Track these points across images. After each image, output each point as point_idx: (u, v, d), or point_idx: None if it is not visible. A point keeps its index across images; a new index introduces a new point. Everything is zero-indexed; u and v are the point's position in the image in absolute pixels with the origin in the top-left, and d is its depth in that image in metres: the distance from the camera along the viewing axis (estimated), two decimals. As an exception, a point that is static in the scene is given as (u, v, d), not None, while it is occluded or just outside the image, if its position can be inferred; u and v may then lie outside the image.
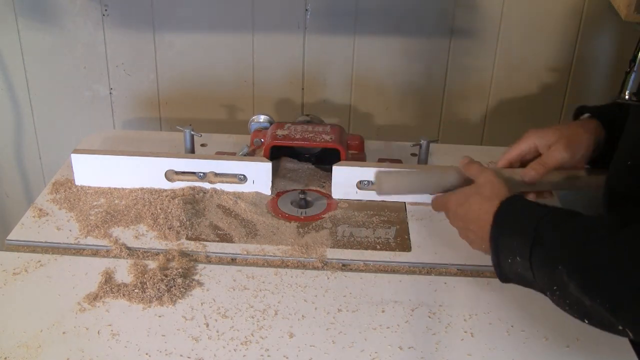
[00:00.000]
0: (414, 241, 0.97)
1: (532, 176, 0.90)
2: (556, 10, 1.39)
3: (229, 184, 1.07)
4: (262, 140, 1.14)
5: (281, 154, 1.16)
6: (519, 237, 0.73)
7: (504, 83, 1.47)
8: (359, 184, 1.06)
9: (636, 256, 0.61)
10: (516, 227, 0.75)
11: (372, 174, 1.04)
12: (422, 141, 1.13)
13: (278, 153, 1.15)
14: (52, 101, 1.54)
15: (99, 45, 1.46)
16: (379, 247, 0.95)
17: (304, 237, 0.97)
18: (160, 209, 1.00)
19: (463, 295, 0.86)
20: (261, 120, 1.19)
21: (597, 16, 1.39)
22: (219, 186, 1.07)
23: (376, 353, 0.77)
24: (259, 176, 1.06)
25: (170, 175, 1.06)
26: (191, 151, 1.16)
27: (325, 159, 1.13)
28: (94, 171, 1.06)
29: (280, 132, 1.10)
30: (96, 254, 0.93)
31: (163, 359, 0.75)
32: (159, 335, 0.78)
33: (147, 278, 0.86)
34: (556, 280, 0.68)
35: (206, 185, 1.07)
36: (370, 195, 1.06)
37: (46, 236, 0.96)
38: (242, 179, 1.06)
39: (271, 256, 0.93)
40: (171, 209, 1.00)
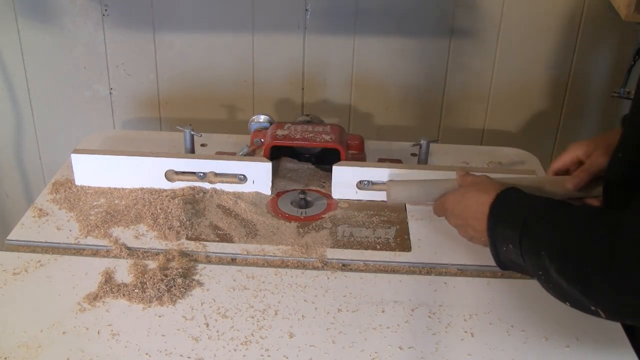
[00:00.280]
0: (414, 241, 0.97)
1: (575, 183, 0.94)
2: (556, 10, 1.39)
3: (229, 184, 1.07)
4: (262, 140, 1.14)
5: (281, 154, 1.16)
6: (512, 226, 0.78)
7: (504, 83, 1.47)
8: (359, 184, 1.06)
9: (597, 242, 0.66)
10: (510, 217, 0.80)
11: (372, 174, 1.04)
12: (422, 141, 1.13)
13: (278, 153, 1.15)
14: (52, 101, 1.54)
15: (99, 45, 1.46)
16: (379, 247, 0.95)
17: (304, 237, 0.97)
18: (160, 209, 1.00)
19: (463, 295, 0.86)
20: (261, 120, 1.19)
21: (597, 16, 1.39)
22: (219, 186, 1.07)
23: (376, 353, 0.77)
24: (259, 176, 1.06)
25: (170, 175, 1.06)
26: (191, 151, 1.16)
27: (325, 159, 1.13)
28: (94, 171, 1.06)
29: (280, 132, 1.10)
30: (96, 254, 0.93)
31: (163, 359, 0.75)
32: (159, 335, 0.78)
33: (147, 278, 0.86)
34: (540, 265, 0.73)
35: (206, 185, 1.07)
36: (370, 195, 1.06)
37: (46, 236, 0.96)
38: (242, 179, 1.06)
39: (271, 256, 0.93)
40: (171, 209, 1.00)
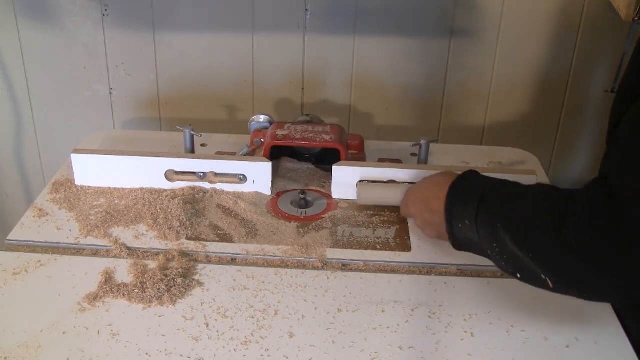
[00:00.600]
0: (414, 241, 0.97)
1: None
2: (556, 10, 1.39)
3: (229, 184, 1.07)
4: (262, 140, 1.14)
5: (281, 154, 1.16)
6: (469, 202, 0.82)
7: (504, 83, 1.47)
8: (360, 183, 1.06)
9: (549, 212, 0.72)
10: (468, 194, 0.83)
11: (372, 174, 1.04)
12: (422, 141, 1.13)
13: (278, 153, 1.15)
14: (52, 101, 1.54)
15: (99, 45, 1.46)
16: (379, 247, 0.95)
17: (304, 237, 0.97)
18: (160, 209, 1.00)
19: (463, 295, 0.86)
20: (261, 120, 1.19)
21: (597, 16, 1.39)
22: (219, 186, 1.07)
23: (376, 353, 0.77)
24: (259, 176, 1.06)
25: (170, 175, 1.06)
26: (191, 151, 1.16)
27: (325, 159, 1.13)
28: (94, 171, 1.06)
29: (280, 132, 1.10)
30: (96, 254, 0.93)
31: (163, 359, 0.75)
32: (159, 335, 0.78)
33: (147, 278, 0.86)
34: (495, 237, 0.77)
35: (206, 185, 1.07)
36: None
37: (46, 236, 0.96)
38: (242, 179, 1.06)
39: (271, 256, 0.93)
40: (171, 209, 1.00)
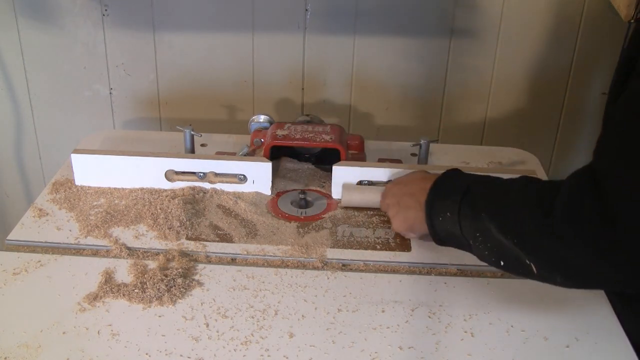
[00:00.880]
0: (414, 241, 0.96)
1: None
2: (556, 10, 1.39)
3: (229, 184, 1.07)
4: (262, 140, 1.14)
5: (281, 154, 1.16)
6: (452, 196, 0.83)
7: (504, 83, 1.47)
8: (359, 184, 1.06)
9: (536, 200, 0.74)
10: (451, 189, 0.85)
11: (372, 174, 1.05)
12: (422, 141, 1.13)
13: (278, 153, 1.15)
14: (52, 101, 1.54)
15: (99, 45, 1.46)
16: (379, 247, 0.95)
17: (304, 237, 0.97)
18: (160, 209, 1.00)
19: (463, 295, 0.86)
20: (261, 120, 1.19)
21: (597, 16, 1.39)
22: (219, 186, 1.07)
23: (376, 353, 0.77)
24: (259, 176, 1.06)
25: (170, 175, 1.06)
26: (191, 151, 1.16)
27: (325, 159, 1.13)
28: (94, 171, 1.06)
29: (280, 132, 1.10)
30: (96, 254, 0.93)
31: (163, 359, 0.75)
32: (159, 335, 0.78)
33: (147, 278, 0.86)
34: (479, 227, 0.79)
35: (206, 185, 1.07)
36: (370, 195, 1.06)
37: (46, 236, 0.96)
38: (242, 179, 1.06)
39: (271, 256, 0.93)
40: (171, 209, 1.00)
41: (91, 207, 1.02)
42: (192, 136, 1.15)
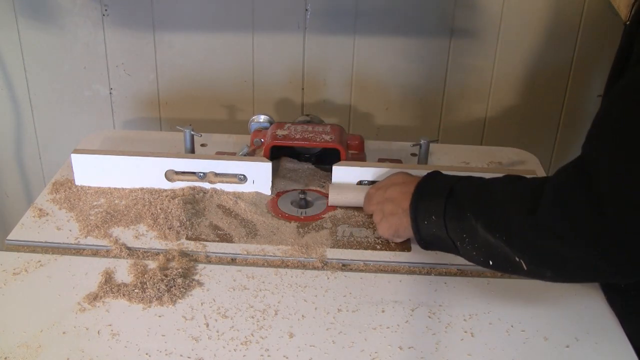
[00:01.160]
0: (414, 241, 0.96)
1: None
2: (556, 10, 1.39)
3: (229, 184, 1.07)
4: (262, 140, 1.14)
5: (281, 154, 1.16)
6: (436, 198, 0.84)
7: (504, 83, 1.47)
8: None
9: (522, 195, 0.74)
10: (434, 191, 0.85)
11: (372, 174, 1.05)
12: (422, 141, 1.13)
13: (278, 153, 1.15)
14: (52, 101, 1.54)
15: (99, 45, 1.46)
16: (379, 247, 0.95)
17: (304, 237, 0.97)
18: (160, 209, 1.00)
19: (463, 295, 0.86)
20: (261, 120, 1.19)
21: (597, 16, 1.39)
22: (219, 186, 1.07)
23: (376, 353, 0.77)
24: (259, 176, 1.06)
25: (170, 175, 1.06)
26: (191, 151, 1.16)
27: (325, 159, 1.13)
28: (94, 171, 1.06)
29: (280, 132, 1.10)
30: (96, 254, 0.93)
31: (163, 359, 0.75)
32: (159, 335, 0.78)
33: (147, 278, 0.86)
34: (465, 228, 0.80)
35: (206, 185, 1.07)
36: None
37: (46, 236, 0.96)
38: (242, 179, 1.06)
39: (271, 256, 0.93)
40: (171, 209, 1.00)
41: (91, 207, 1.02)
42: (192, 136, 1.15)
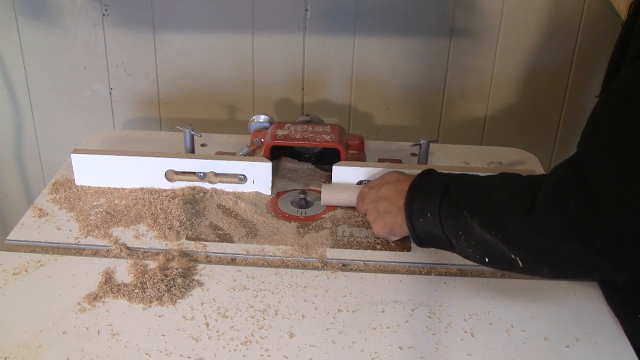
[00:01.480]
0: (414, 241, 0.97)
1: None
2: (556, 10, 1.39)
3: (229, 184, 1.07)
4: (262, 140, 1.14)
5: (281, 154, 1.16)
6: (431, 196, 0.84)
7: (504, 83, 1.47)
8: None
9: (518, 193, 0.74)
10: (429, 189, 0.85)
11: (372, 174, 1.04)
12: (422, 141, 1.13)
13: (278, 153, 1.15)
14: (52, 101, 1.54)
15: (99, 45, 1.46)
16: (379, 247, 0.95)
17: (304, 237, 0.97)
18: (160, 209, 1.00)
19: (463, 295, 0.86)
20: (261, 120, 1.19)
21: (597, 16, 1.39)
22: (219, 186, 1.07)
23: (376, 353, 0.77)
24: (259, 176, 1.06)
25: (170, 175, 1.06)
26: (191, 151, 1.16)
27: (325, 159, 1.13)
28: (94, 171, 1.06)
29: (280, 132, 1.10)
30: (96, 254, 0.93)
31: (163, 359, 0.75)
32: (159, 335, 0.78)
33: (147, 278, 0.86)
34: (461, 225, 0.80)
35: (206, 185, 1.07)
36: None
37: (46, 236, 0.96)
38: (242, 179, 1.06)
39: (271, 256, 0.93)
40: (171, 209, 1.00)
41: (91, 207, 1.02)
42: (192, 136, 1.15)
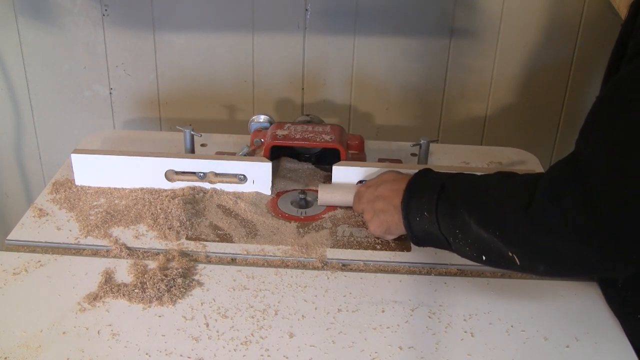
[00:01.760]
0: (414, 241, 0.97)
1: None
2: (556, 10, 1.39)
3: (229, 184, 1.07)
4: (262, 140, 1.14)
5: (281, 154, 1.16)
6: (428, 195, 0.84)
7: (504, 83, 1.47)
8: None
9: (516, 191, 0.74)
10: (426, 188, 0.85)
11: (372, 174, 1.04)
12: (422, 141, 1.13)
13: (278, 153, 1.15)
14: (52, 101, 1.54)
15: (99, 45, 1.46)
16: (379, 247, 0.95)
17: (304, 237, 0.97)
18: (160, 209, 1.00)
19: (463, 295, 0.86)
20: (261, 120, 1.19)
21: (597, 16, 1.39)
22: (219, 186, 1.07)
23: (376, 353, 0.77)
24: (259, 176, 1.06)
25: (170, 175, 1.06)
26: (191, 151, 1.16)
27: (325, 159, 1.13)
28: (94, 171, 1.06)
29: (280, 132, 1.10)
30: (96, 254, 0.93)
31: (163, 359, 0.75)
32: (159, 335, 0.78)
33: (147, 278, 0.86)
34: (458, 223, 0.80)
35: (206, 185, 1.07)
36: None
37: (46, 236, 0.96)
38: (242, 179, 1.06)
39: (271, 256, 0.93)
40: (171, 209, 1.00)
41: (91, 207, 1.02)
42: (192, 136, 1.15)
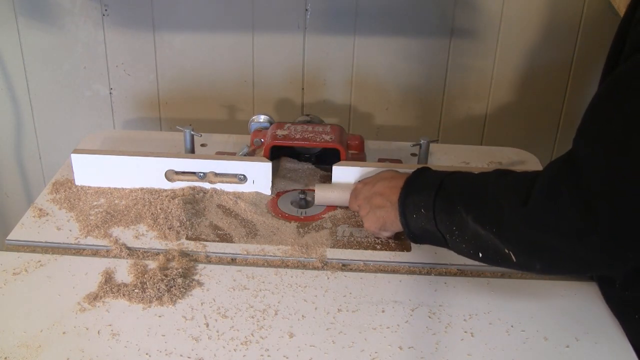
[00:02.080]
0: (414, 241, 0.97)
1: None
2: (556, 10, 1.39)
3: (229, 184, 1.07)
4: (262, 140, 1.14)
5: (281, 154, 1.16)
6: (426, 192, 0.84)
7: (504, 83, 1.47)
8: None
9: (513, 188, 0.75)
10: (424, 185, 0.86)
11: (372, 174, 1.04)
12: (422, 141, 1.13)
13: (278, 153, 1.15)
14: (52, 101, 1.54)
15: (99, 45, 1.46)
16: (379, 247, 0.95)
17: (304, 237, 0.97)
18: (160, 209, 1.00)
19: (463, 295, 0.86)
20: (261, 120, 1.19)
21: (597, 16, 1.39)
22: (219, 186, 1.07)
23: (376, 353, 0.77)
24: (259, 176, 1.06)
25: (170, 175, 1.06)
26: (191, 151, 1.16)
27: (325, 159, 1.13)
28: (94, 171, 1.06)
29: (280, 132, 1.10)
30: (96, 254, 0.93)
31: (163, 359, 0.75)
32: (159, 335, 0.78)
33: (147, 278, 0.86)
34: (455, 220, 0.80)
35: (206, 185, 1.07)
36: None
37: (46, 236, 0.96)
38: (242, 179, 1.06)
39: (271, 256, 0.93)
40: (171, 209, 1.00)
41: (91, 207, 1.02)
42: (192, 136, 1.15)
